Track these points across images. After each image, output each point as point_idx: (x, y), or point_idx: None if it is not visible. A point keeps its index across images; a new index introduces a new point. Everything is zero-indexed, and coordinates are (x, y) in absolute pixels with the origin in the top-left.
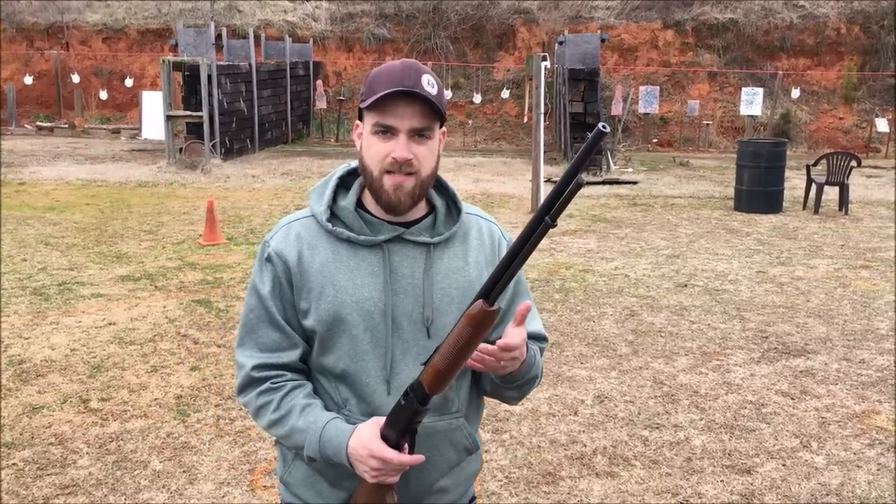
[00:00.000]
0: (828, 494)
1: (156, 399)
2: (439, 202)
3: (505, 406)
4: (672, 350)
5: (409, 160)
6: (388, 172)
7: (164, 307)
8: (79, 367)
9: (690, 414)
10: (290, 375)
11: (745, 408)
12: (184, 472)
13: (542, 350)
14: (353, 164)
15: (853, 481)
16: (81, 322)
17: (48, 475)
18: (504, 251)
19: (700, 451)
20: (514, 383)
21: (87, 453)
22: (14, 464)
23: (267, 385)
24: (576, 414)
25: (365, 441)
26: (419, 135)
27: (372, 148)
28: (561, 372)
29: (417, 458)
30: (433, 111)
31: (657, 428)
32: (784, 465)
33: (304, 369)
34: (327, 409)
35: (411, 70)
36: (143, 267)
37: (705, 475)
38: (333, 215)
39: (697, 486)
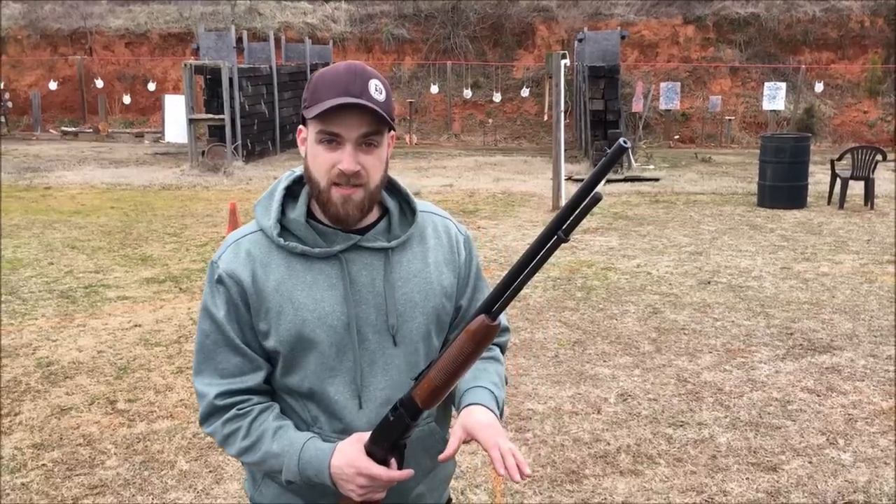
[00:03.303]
0: (855, 492)
1: (182, 400)
2: (392, 204)
3: (528, 405)
4: (696, 347)
5: (357, 171)
6: (336, 184)
7: (189, 309)
8: (106, 368)
9: (715, 411)
10: (255, 399)
11: (771, 405)
12: (210, 471)
13: (502, 347)
14: (298, 171)
15: (881, 478)
16: (108, 324)
17: (77, 476)
18: (461, 249)
19: (725, 448)
20: None
21: (115, 454)
22: (43, 464)
23: (233, 412)
24: (599, 412)
25: (351, 459)
26: (366, 143)
27: (318, 157)
28: (584, 370)
29: (407, 472)
30: (380, 118)
31: (681, 426)
32: (810, 462)
33: (269, 390)
34: (298, 428)
35: (357, 76)
36: (167, 269)
37: (730, 473)
38: (284, 229)
39: (722, 483)
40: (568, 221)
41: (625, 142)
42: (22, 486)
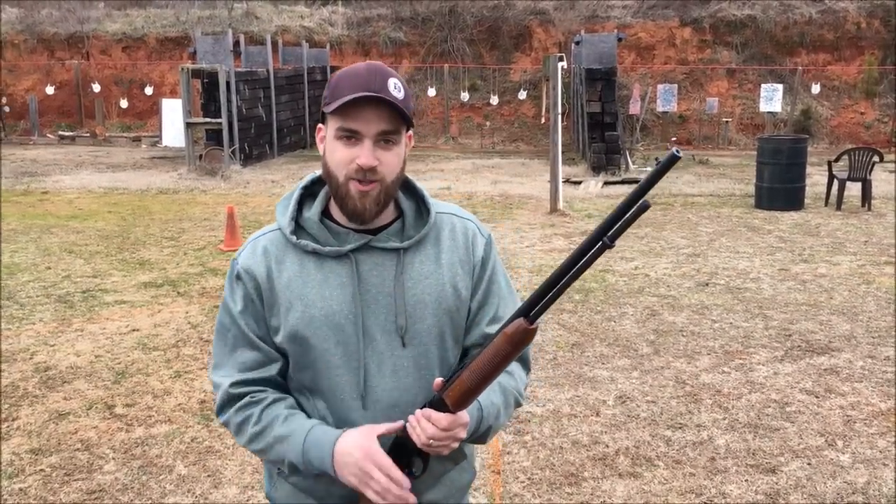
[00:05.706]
0: (854, 493)
1: (180, 404)
2: (407, 205)
3: (526, 407)
4: (694, 349)
5: (374, 167)
6: (353, 179)
7: (187, 313)
8: (103, 373)
9: (713, 413)
10: (270, 390)
11: (769, 407)
12: (208, 476)
13: (524, 357)
14: (319, 172)
15: (880, 479)
16: (105, 329)
17: (75, 481)
18: (478, 249)
19: (724, 450)
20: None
21: (113, 458)
22: (41, 470)
23: (246, 400)
24: (598, 415)
25: (361, 442)
26: (385, 140)
27: (336, 153)
28: (582, 372)
29: (405, 480)
30: (399, 116)
31: (680, 428)
32: (809, 463)
33: (285, 385)
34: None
35: (377, 74)
36: (165, 273)
37: (729, 475)
38: (299, 227)
39: (721, 485)
40: (614, 228)
41: (677, 151)
42: (20, 492)
